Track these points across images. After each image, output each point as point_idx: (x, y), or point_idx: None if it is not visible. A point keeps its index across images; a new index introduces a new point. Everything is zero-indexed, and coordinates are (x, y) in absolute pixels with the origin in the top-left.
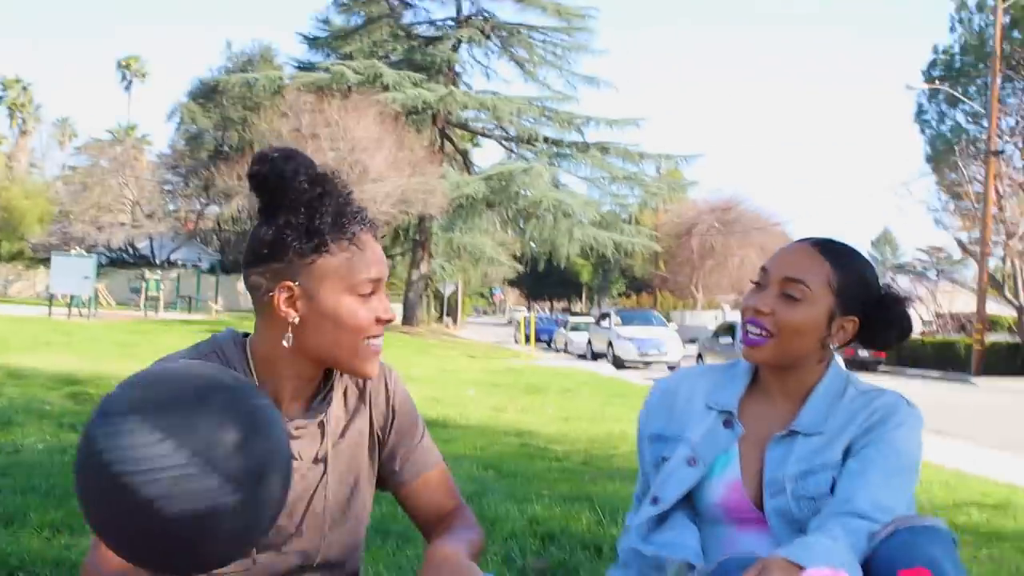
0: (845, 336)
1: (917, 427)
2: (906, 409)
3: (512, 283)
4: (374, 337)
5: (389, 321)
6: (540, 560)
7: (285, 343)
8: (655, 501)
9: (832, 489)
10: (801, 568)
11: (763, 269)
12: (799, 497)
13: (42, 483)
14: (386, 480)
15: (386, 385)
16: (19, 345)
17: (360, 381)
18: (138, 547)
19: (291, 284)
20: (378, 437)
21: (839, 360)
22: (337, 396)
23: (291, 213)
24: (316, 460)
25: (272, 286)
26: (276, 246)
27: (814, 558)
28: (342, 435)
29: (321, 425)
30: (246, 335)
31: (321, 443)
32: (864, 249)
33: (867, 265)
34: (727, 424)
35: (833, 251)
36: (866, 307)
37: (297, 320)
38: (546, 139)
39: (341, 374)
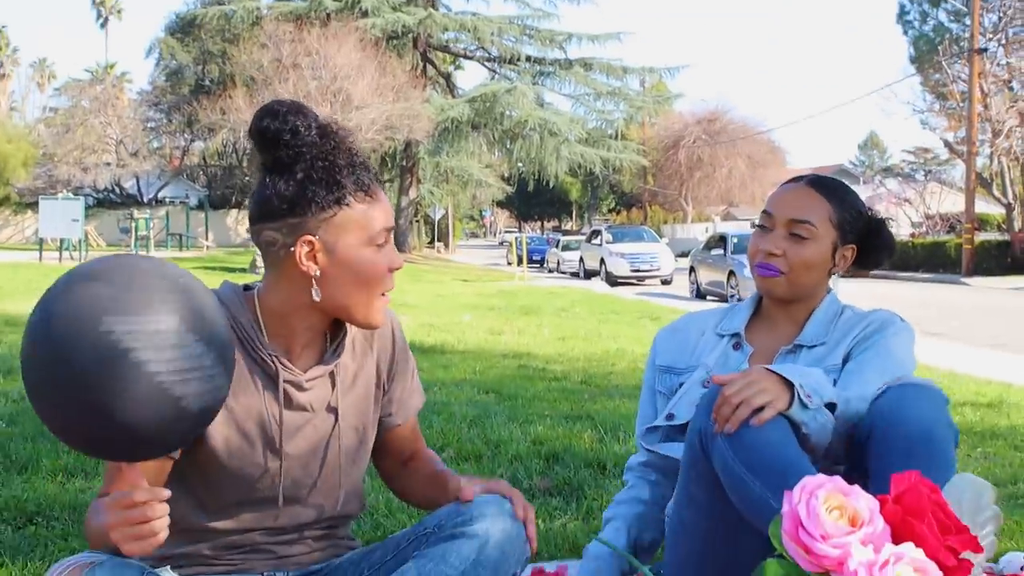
0: (846, 263)
1: (910, 338)
2: (899, 323)
3: (502, 205)
4: (385, 288)
5: (398, 269)
6: (545, 480)
7: (315, 297)
8: (670, 417)
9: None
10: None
11: (766, 213)
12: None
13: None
14: (381, 422)
15: (392, 331)
16: (13, 291)
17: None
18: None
19: (311, 238)
20: (384, 383)
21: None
22: (347, 345)
23: (310, 167)
24: (328, 410)
25: (291, 241)
26: (297, 201)
27: (793, 372)
28: (352, 384)
29: (332, 375)
30: (246, 287)
31: (332, 392)
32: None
33: (856, 197)
34: (736, 346)
35: (828, 188)
36: (861, 235)
37: (318, 274)
38: (528, 58)
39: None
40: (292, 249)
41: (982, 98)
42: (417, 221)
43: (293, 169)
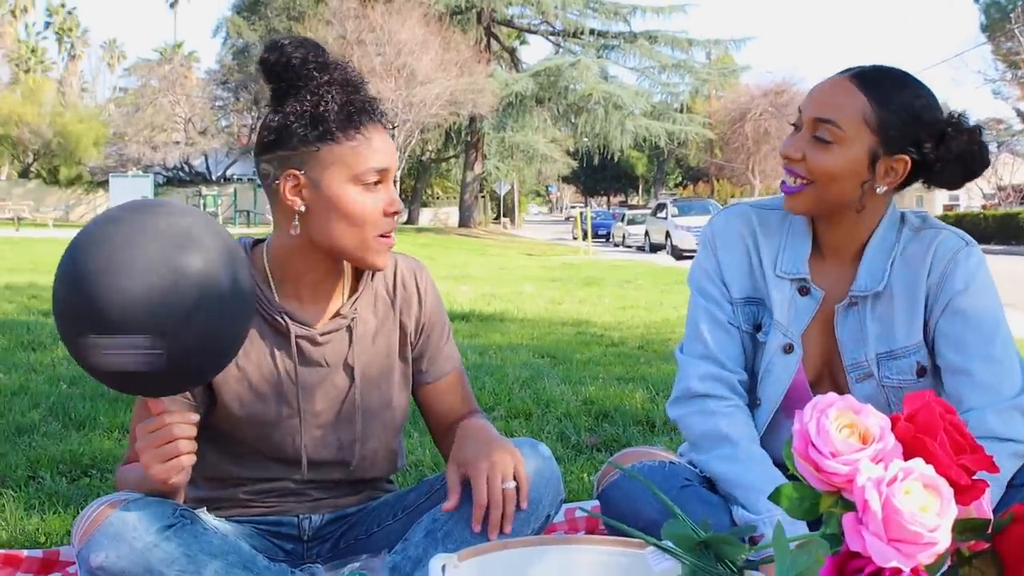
0: (895, 177)
1: (986, 272)
2: (967, 257)
3: (567, 180)
4: (383, 229)
5: (396, 213)
6: (593, 436)
7: (293, 231)
8: (758, 404)
9: (918, 375)
10: None
11: (799, 109)
12: (888, 387)
13: (109, 390)
14: (411, 380)
15: (417, 286)
16: None
17: (391, 285)
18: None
19: (296, 172)
20: (411, 339)
21: (893, 204)
22: (366, 301)
23: (298, 100)
24: (346, 366)
25: (279, 174)
26: (282, 133)
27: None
28: (372, 340)
29: (349, 330)
30: (258, 241)
31: (350, 348)
32: None
33: (919, 94)
34: (804, 291)
35: (873, 82)
36: (920, 143)
37: (304, 208)
38: (592, 31)
39: (372, 278)
40: (278, 182)
41: None
42: (483, 196)
43: (285, 102)
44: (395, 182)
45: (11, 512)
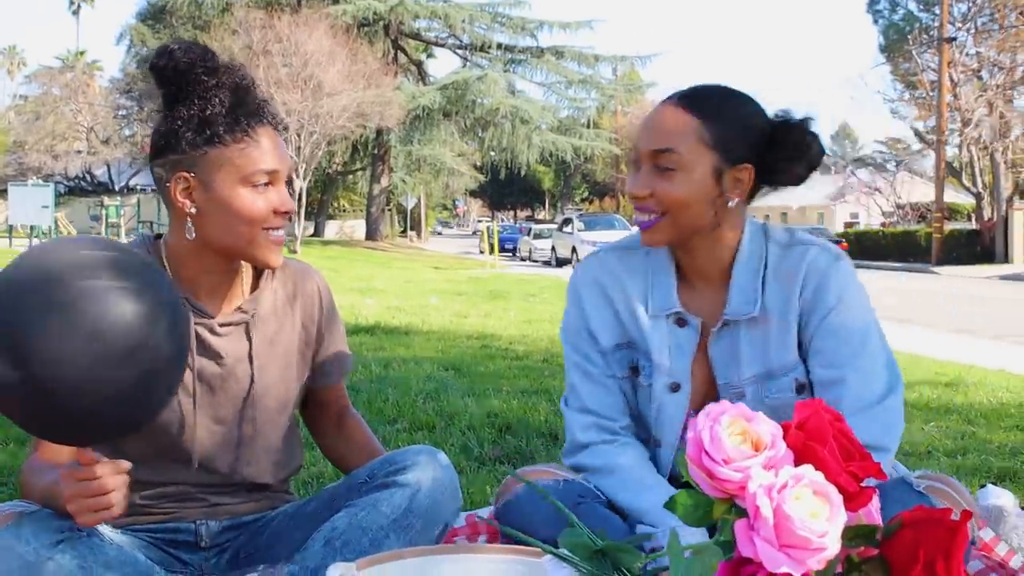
0: (744, 187)
1: (856, 284)
2: (837, 272)
3: (474, 194)
4: (273, 228)
5: (287, 213)
6: (496, 448)
7: (189, 235)
8: (659, 444)
9: (797, 391)
10: None
11: (634, 146)
12: (765, 406)
13: None
14: (310, 380)
15: (318, 290)
16: None
17: (290, 283)
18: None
19: (187, 175)
20: (311, 342)
21: (751, 218)
22: (266, 296)
23: (186, 105)
24: (245, 364)
25: (170, 177)
26: (171, 137)
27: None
28: (271, 342)
29: (247, 328)
30: (158, 236)
31: (249, 345)
32: (825, 143)
33: (745, 103)
34: (681, 323)
35: (700, 101)
36: (756, 149)
37: (195, 211)
38: (500, 45)
39: (272, 275)
40: (169, 185)
41: (951, 87)
42: (389, 210)
43: (175, 106)
44: (297, 188)
45: None
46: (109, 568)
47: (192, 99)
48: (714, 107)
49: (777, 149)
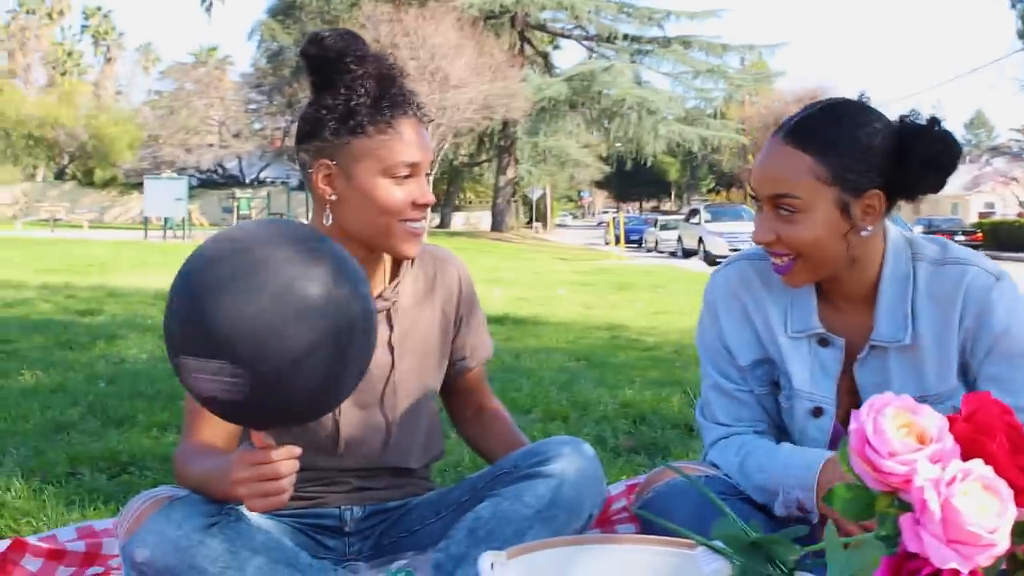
0: (876, 213)
1: (1021, 304)
2: (1001, 294)
3: (600, 185)
4: (411, 220)
5: (427, 205)
6: (631, 439)
7: (326, 221)
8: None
9: None
10: None
11: (752, 189)
12: None
13: (148, 388)
14: (450, 367)
15: (459, 278)
16: (118, 267)
17: (430, 273)
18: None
19: (328, 162)
20: (451, 326)
21: (894, 230)
22: (406, 287)
23: (332, 93)
24: (385, 350)
25: (312, 163)
26: (315, 124)
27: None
28: (411, 327)
29: (388, 315)
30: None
31: (391, 333)
32: (958, 131)
33: (860, 124)
34: (823, 343)
35: (808, 135)
36: (882, 169)
37: (335, 198)
38: (626, 36)
39: (412, 265)
40: (311, 171)
41: None
42: (515, 201)
43: (322, 94)
44: (428, 178)
45: (52, 508)
46: (256, 552)
47: (339, 87)
48: (827, 138)
49: (906, 163)
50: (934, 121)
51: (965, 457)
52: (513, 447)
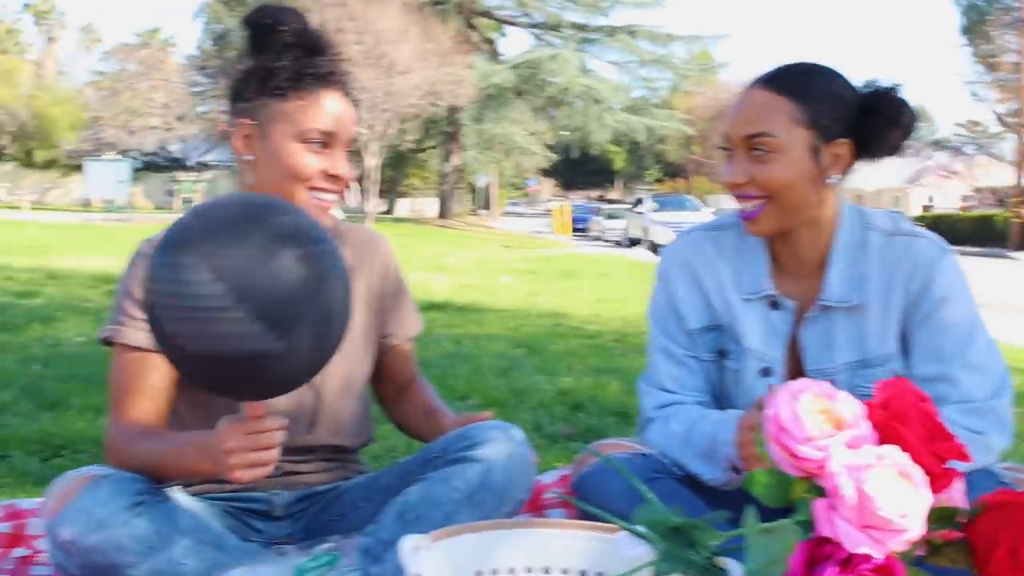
0: (843, 162)
1: (963, 280)
2: (945, 265)
3: (546, 173)
4: (319, 190)
5: (338, 179)
6: (568, 426)
7: (247, 181)
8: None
9: None
10: None
11: (724, 134)
12: (857, 395)
13: (83, 371)
14: (379, 346)
15: (383, 254)
16: (58, 249)
17: (355, 251)
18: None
19: (248, 122)
20: (377, 305)
21: (847, 202)
22: None
23: (260, 56)
24: None
25: (233, 123)
26: (239, 84)
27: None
28: None
29: None
30: None
31: None
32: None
33: (834, 77)
34: (774, 305)
35: (787, 81)
36: (851, 121)
37: (251, 158)
38: (572, 24)
39: (339, 236)
40: (232, 130)
41: None
42: (461, 188)
43: (253, 57)
44: (370, 166)
45: None
46: (183, 534)
47: (268, 52)
48: (803, 85)
49: (871, 119)
50: (895, 86)
51: (881, 443)
52: (433, 417)
